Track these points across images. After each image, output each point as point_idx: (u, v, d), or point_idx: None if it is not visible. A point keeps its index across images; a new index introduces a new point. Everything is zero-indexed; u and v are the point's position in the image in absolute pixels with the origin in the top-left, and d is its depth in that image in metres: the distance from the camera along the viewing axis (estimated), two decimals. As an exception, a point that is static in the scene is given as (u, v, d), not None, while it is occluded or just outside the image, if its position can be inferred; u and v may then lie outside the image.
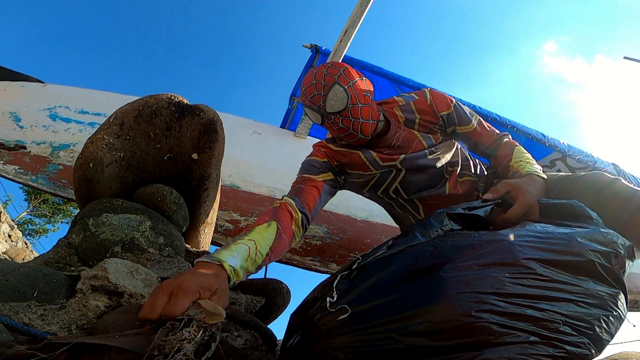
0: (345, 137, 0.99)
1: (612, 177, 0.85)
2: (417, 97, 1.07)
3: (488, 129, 1.08)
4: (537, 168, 0.91)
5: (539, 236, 0.61)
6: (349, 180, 1.07)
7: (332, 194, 1.04)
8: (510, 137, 1.08)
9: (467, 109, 1.08)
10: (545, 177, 0.89)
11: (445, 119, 1.05)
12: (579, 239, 0.60)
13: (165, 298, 0.52)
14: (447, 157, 1.05)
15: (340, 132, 0.97)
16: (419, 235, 0.66)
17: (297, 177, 1.01)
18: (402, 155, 1.01)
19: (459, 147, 1.11)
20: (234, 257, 0.68)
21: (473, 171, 1.10)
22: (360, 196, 1.22)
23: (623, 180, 0.85)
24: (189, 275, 0.57)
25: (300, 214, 0.88)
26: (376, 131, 1.00)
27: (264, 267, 0.80)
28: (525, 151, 1.01)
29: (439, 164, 1.02)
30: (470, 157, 1.15)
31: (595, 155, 2.19)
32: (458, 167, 1.07)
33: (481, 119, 1.09)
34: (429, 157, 1.02)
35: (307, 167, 1.02)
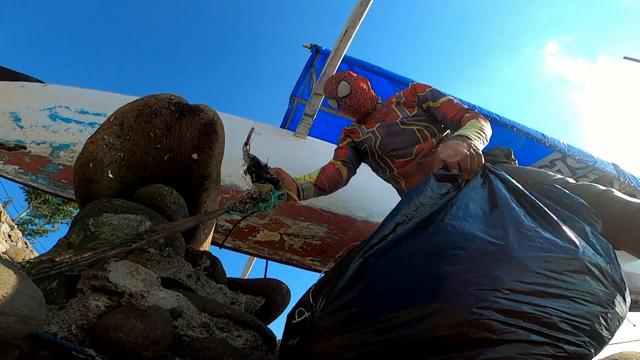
0: (354, 112, 1.53)
1: (603, 188, 0.89)
2: (405, 89, 1.52)
3: (453, 104, 1.34)
4: (469, 132, 1.07)
5: (539, 239, 0.61)
6: (359, 148, 1.51)
7: (359, 154, 1.51)
8: (474, 112, 1.27)
9: (443, 93, 1.40)
10: (472, 137, 1.04)
11: (420, 97, 1.43)
12: (578, 242, 0.60)
13: None
14: (424, 130, 1.35)
15: (350, 108, 1.51)
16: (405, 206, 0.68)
17: None
18: (378, 123, 1.44)
19: (443, 128, 1.39)
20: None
21: None
22: (360, 196, 1.36)
23: (614, 191, 0.86)
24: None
25: (337, 161, 1.42)
26: (375, 108, 1.52)
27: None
28: (481, 123, 1.17)
29: (409, 132, 1.36)
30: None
31: (595, 155, 2.18)
32: (435, 140, 1.33)
33: (453, 99, 1.37)
34: (401, 126, 1.38)
35: (338, 142, 1.56)
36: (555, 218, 0.67)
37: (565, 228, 0.65)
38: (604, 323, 0.54)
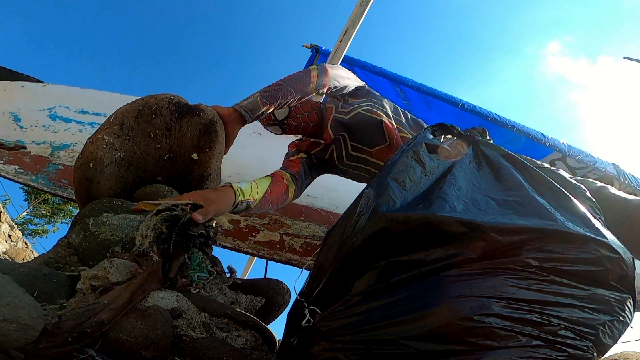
0: (303, 131, 1.26)
1: (600, 184, 0.88)
2: None
3: None
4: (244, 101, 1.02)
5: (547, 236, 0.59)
6: (318, 157, 1.28)
7: (314, 169, 1.27)
8: (317, 68, 1.14)
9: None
10: (235, 105, 1.02)
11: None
12: (591, 244, 0.58)
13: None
14: (367, 107, 1.18)
15: (297, 129, 1.25)
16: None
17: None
18: (331, 129, 1.21)
19: (380, 102, 1.23)
20: (240, 183, 0.93)
21: (404, 121, 1.22)
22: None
23: (611, 189, 0.86)
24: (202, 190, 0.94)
25: (287, 174, 1.14)
26: (323, 117, 1.25)
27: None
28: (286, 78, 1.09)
29: (357, 117, 1.17)
30: (393, 114, 1.23)
31: (595, 155, 2.19)
32: (387, 117, 1.17)
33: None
34: (345, 117, 1.19)
35: (285, 156, 1.31)
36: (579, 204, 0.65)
37: (586, 211, 0.63)
38: (609, 331, 0.52)
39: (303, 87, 1.06)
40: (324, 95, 1.24)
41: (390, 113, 1.20)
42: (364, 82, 1.31)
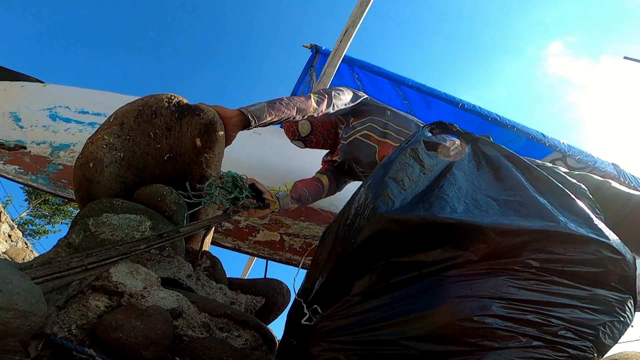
0: (322, 147, 1.50)
1: (601, 179, 0.86)
2: None
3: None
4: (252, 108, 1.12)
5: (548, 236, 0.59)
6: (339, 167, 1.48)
7: (340, 172, 1.45)
8: (315, 96, 1.25)
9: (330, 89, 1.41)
10: (240, 109, 1.10)
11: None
12: (593, 244, 0.57)
13: None
14: (365, 132, 1.31)
15: (318, 144, 1.49)
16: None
17: None
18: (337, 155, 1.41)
19: (380, 119, 1.33)
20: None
21: (396, 135, 1.31)
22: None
23: (612, 183, 0.84)
24: None
25: (315, 174, 1.41)
26: (339, 135, 1.43)
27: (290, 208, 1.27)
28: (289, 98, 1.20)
29: (352, 142, 1.33)
30: (396, 126, 1.32)
31: (595, 155, 2.19)
32: (383, 138, 1.30)
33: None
34: (344, 143, 1.37)
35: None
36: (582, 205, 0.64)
37: (589, 212, 0.62)
38: (609, 332, 0.52)
39: (304, 110, 1.19)
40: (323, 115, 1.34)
41: (392, 127, 1.30)
42: (366, 96, 1.38)
